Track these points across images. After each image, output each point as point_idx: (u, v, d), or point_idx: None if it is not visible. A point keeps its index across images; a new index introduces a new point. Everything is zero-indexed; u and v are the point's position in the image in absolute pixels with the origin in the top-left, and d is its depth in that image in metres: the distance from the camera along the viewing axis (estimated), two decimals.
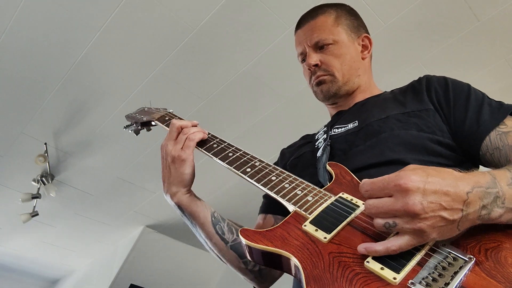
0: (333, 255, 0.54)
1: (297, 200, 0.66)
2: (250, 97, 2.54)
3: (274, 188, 0.70)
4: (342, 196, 0.65)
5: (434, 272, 0.48)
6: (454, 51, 2.17)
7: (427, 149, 0.75)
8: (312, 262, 0.54)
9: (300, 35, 1.00)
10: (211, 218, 0.83)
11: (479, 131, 0.74)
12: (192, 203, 0.82)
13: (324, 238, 0.57)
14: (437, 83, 0.85)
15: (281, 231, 0.61)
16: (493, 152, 0.72)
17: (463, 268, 0.48)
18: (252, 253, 0.61)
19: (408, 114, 0.81)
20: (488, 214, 0.51)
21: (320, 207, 0.63)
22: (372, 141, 0.79)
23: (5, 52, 2.23)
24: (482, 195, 0.51)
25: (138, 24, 2.08)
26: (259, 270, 0.84)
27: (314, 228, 0.59)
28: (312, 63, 0.95)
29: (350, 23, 1.00)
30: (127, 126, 1.12)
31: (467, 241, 0.52)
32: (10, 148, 2.95)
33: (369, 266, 0.50)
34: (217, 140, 0.87)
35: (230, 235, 0.83)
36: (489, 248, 0.51)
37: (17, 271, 4.87)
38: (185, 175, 0.81)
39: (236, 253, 0.82)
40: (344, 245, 0.55)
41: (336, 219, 0.60)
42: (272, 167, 0.76)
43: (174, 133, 0.84)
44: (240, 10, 2.01)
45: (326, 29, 0.96)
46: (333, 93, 0.96)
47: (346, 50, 0.96)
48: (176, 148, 0.82)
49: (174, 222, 3.92)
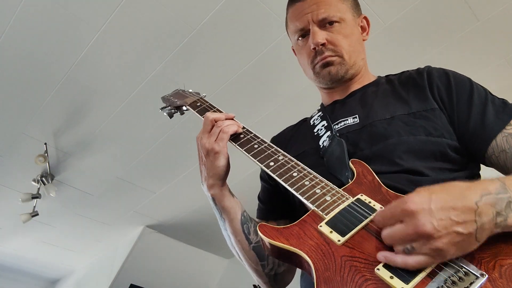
0: (345, 258, 0.54)
1: (315, 199, 0.66)
2: (250, 97, 2.54)
3: (295, 185, 0.70)
4: (360, 198, 0.65)
5: (443, 286, 0.47)
6: (454, 51, 2.17)
7: (436, 155, 0.73)
8: (324, 264, 0.55)
9: (301, 8, 0.90)
10: (241, 216, 0.83)
11: (485, 134, 0.72)
12: (226, 198, 0.82)
13: (338, 240, 0.57)
14: (439, 79, 0.82)
15: (297, 230, 0.62)
16: (499, 155, 0.70)
17: (474, 284, 0.46)
18: (269, 248, 0.63)
19: (414, 115, 0.78)
20: (505, 220, 0.50)
21: (337, 208, 0.63)
22: (379, 147, 0.76)
23: (5, 52, 2.23)
24: (494, 202, 0.50)
25: (138, 24, 2.08)
26: (275, 275, 0.84)
27: (329, 229, 0.59)
28: (320, 41, 0.86)
29: (353, 1, 0.95)
30: (162, 108, 1.11)
31: (482, 255, 0.50)
32: (10, 148, 2.95)
33: (379, 273, 0.50)
34: (252, 135, 0.85)
35: (255, 236, 0.83)
36: (505, 265, 0.49)
37: (17, 271, 4.87)
38: (220, 168, 0.80)
39: (257, 255, 0.82)
40: (357, 249, 0.55)
41: (352, 222, 0.60)
42: (294, 163, 0.75)
43: (208, 126, 0.83)
44: (240, 10, 2.01)
45: (332, 5, 0.88)
46: (341, 76, 0.90)
47: (352, 30, 0.91)
48: (210, 141, 0.81)
49: (174, 222, 3.92)
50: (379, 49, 2.16)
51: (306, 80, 1.03)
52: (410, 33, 2.10)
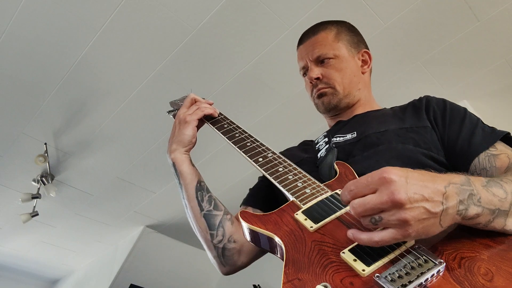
0: (315, 243, 0.59)
1: (295, 191, 0.71)
2: (250, 97, 2.54)
3: (278, 178, 0.75)
4: (338, 192, 0.69)
5: (402, 270, 0.49)
6: (454, 51, 2.18)
7: (421, 163, 0.78)
8: (295, 247, 0.59)
9: (302, 50, 1.05)
10: (196, 183, 0.89)
11: (469, 151, 0.78)
12: (185, 163, 0.89)
13: (310, 227, 0.62)
14: (436, 104, 0.89)
15: (275, 217, 0.67)
16: (480, 173, 0.75)
17: (431, 270, 0.49)
18: (248, 233, 0.68)
19: (407, 130, 0.85)
20: (466, 209, 0.53)
21: (314, 200, 0.68)
22: (369, 152, 0.83)
23: (5, 52, 2.23)
24: (458, 191, 0.53)
25: (138, 24, 2.08)
26: (223, 249, 0.86)
27: (304, 217, 0.64)
28: (314, 76, 0.99)
29: (350, 39, 1.04)
30: (170, 111, 1.16)
31: (445, 248, 0.54)
32: (10, 148, 2.95)
33: (344, 256, 0.54)
34: (240, 130, 0.94)
35: (207, 205, 0.88)
36: (465, 257, 0.52)
37: (17, 271, 4.88)
38: (185, 136, 0.90)
39: (207, 222, 0.86)
40: (328, 236, 0.60)
41: (326, 212, 0.64)
42: (282, 160, 0.81)
43: (188, 102, 0.96)
44: (240, 10, 2.01)
45: (327, 44, 1.01)
46: (334, 105, 1.00)
47: (347, 64, 1.00)
48: (185, 113, 0.92)
49: (174, 222, 3.92)
50: (379, 49, 2.16)
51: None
52: (410, 33, 2.10)
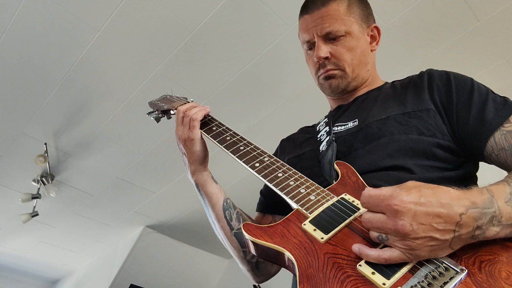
0: (328, 255, 0.55)
1: (299, 198, 0.67)
2: (250, 97, 2.54)
3: (279, 185, 0.71)
4: (344, 197, 0.66)
5: (424, 281, 0.48)
6: (454, 51, 2.18)
7: (427, 153, 0.74)
8: (307, 261, 0.55)
9: (308, 21, 0.91)
10: (223, 203, 0.87)
11: (483, 130, 0.71)
12: (208, 184, 0.88)
13: (321, 238, 0.58)
14: (439, 80, 0.82)
15: (281, 228, 0.62)
16: (498, 153, 0.69)
17: (453, 279, 0.47)
18: (253, 247, 0.63)
19: (409, 115, 0.79)
20: (483, 233, 0.51)
21: (321, 207, 0.64)
22: (372, 146, 0.78)
23: (5, 52, 2.23)
24: (478, 215, 0.50)
25: (138, 24, 2.08)
26: (256, 262, 0.86)
27: (313, 227, 0.60)
28: (323, 55, 0.88)
29: (361, 12, 0.93)
30: (149, 113, 1.14)
31: (463, 252, 0.52)
32: (10, 148, 2.95)
33: (361, 269, 0.51)
34: (231, 132, 0.90)
35: (237, 223, 0.85)
36: (484, 261, 0.50)
37: (17, 271, 4.87)
38: (197, 153, 0.87)
39: (238, 241, 0.85)
40: (340, 247, 0.56)
41: (335, 220, 0.60)
42: (280, 163, 0.77)
43: (180, 118, 0.91)
44: (240, 10, 2.01)
45: (338, 19, 0.88)
46: (342, 88, 0.92)
47: (357, 42, 0.91)
48: (184, 130, 0.88)
49: (174, 222, 3.92)
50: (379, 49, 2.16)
51: (306, 80, 1.04)
52: (410, 33, 2.10)
